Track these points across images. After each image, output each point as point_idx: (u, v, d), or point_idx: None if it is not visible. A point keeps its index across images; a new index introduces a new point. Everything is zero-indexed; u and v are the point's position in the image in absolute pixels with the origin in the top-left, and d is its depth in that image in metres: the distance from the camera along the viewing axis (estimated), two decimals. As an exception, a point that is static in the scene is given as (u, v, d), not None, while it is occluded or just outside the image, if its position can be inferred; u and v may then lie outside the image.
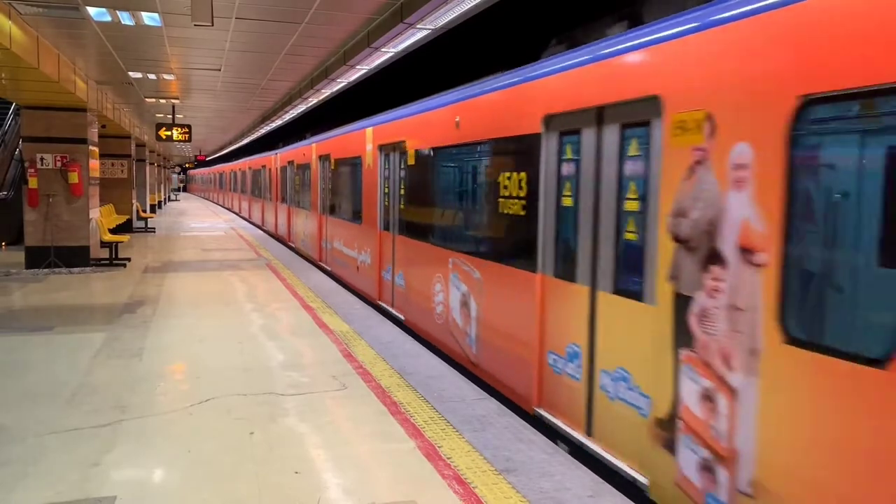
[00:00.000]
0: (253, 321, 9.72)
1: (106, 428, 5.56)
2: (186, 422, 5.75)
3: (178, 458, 5.02)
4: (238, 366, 7.42)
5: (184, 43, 11.39)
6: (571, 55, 5.84)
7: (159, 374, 7.13)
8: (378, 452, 5.17)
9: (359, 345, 8.41)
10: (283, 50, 11.79)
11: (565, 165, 5.93)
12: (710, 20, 4.22)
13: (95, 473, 4.71)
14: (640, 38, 4.95)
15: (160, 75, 14.69)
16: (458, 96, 8.14)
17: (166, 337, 8.73)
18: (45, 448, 5.14)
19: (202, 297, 11.63)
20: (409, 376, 7.15)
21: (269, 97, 18.19)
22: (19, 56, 9.48)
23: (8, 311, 10.50)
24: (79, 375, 6.99)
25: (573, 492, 4.61)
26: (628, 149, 5.07)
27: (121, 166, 23.84)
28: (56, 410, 5.96)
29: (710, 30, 4.21)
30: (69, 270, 14.63)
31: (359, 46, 10.71)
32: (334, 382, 6.86)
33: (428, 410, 6.10)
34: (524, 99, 6.52)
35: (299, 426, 5.68)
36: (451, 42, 12.69)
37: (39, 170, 14.62)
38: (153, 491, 4.55)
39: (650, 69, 4.76)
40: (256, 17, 9.53)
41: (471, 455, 5.14)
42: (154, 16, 9.39)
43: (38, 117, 14.69)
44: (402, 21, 8.64)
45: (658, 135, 4.66)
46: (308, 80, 14.89)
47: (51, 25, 10.10)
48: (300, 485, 4.59)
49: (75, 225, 15.03)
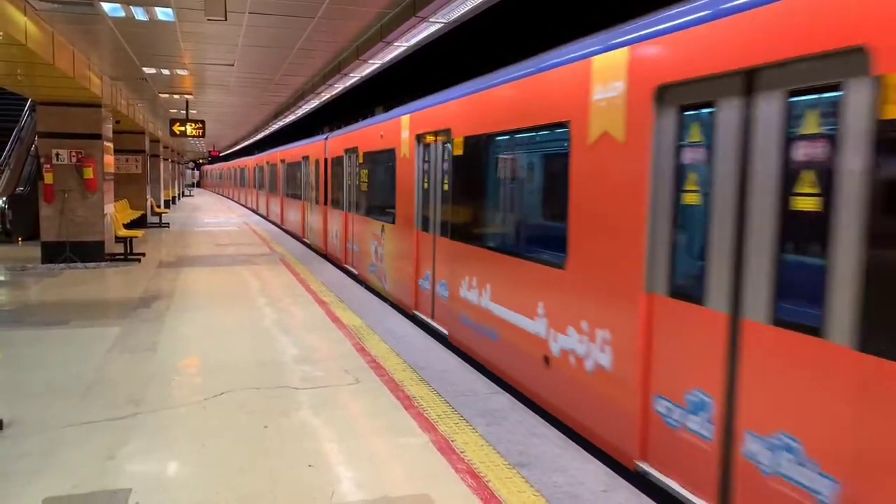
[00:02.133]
0: (266, 315, 9.75)
1: (121, 421, 5.59)
2: (200, 415, 5.78)
3: (193, 452, 5.04)
4: (252, 360, 7.44)
5: (197, 38, 11.42)
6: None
7: (173, 368, 7.16)
8: (391, 446, 5.16)
9: (372, 339, 8.42)
10: (296, 45, 11.80)
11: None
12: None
13: (111, 466, 4.74)
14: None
15: (174, 71, 14.75)
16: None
17: (180, 331, 8.78)
18: (61, 441, 5.17)
19: (216, 292, 11.68)
20: (422, 370, 7.14)
21: (282, 92, 18.21)
22: (35, 52, 9.54)
23: (24, 306, 10.59)
24: (94, 369, 7.04)
25: (587, 486, 4.59)
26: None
27: (135, 162, 23.98)
28: (72, 404, 6.01)
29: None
30: (84, 265, 14.74)
31: (371, 41, 10.69)
32: (347, 376, 6.87)
33: (441, 405, 6.10)
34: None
35: (313, 420, 5.69)
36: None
37: (55, 165, 14.73)
38: (168, 484, 4.57)
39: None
40: (269, 11, 9.54)
41: (484, 449, 5.13)
42: (168, 11, 9.41)
43: (53, 113, 14.79)
44: (415, 15, 8.61)
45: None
46: (321, 75, 14.89)
47: (65, 21, 10.15)
48: (314, 478, 4.59)
49: (90, 220, 15.13)
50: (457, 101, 8.59)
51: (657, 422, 4.70)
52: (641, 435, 4.85)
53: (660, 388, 4.65)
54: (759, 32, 3.81)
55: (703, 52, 4.25)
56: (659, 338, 4.53)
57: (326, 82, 14.63)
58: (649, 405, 4.77)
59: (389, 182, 11.63)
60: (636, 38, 4.96)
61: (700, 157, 4.39)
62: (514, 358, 6.91)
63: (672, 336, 4.48)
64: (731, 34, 4.03)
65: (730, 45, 4.03)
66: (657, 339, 4.58)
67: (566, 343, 5.73)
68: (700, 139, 4.40)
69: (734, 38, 4.00)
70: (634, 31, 5.04)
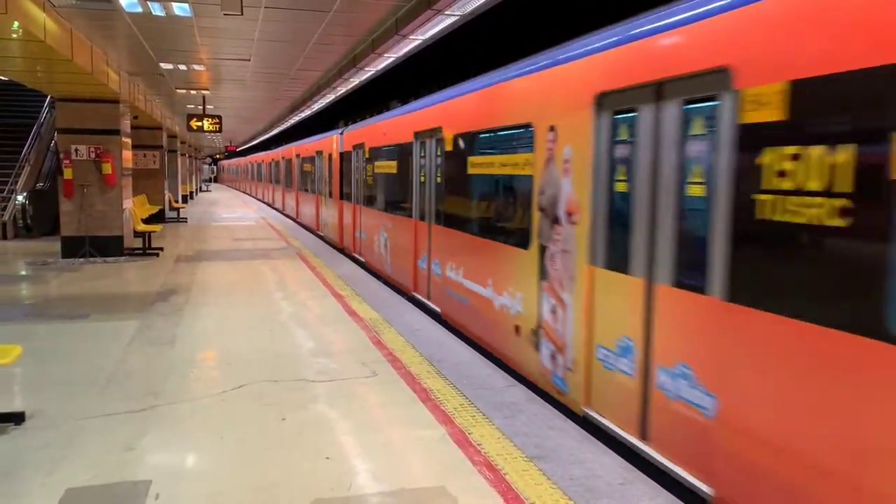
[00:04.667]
0: (283, 309, 9.79)
1: (140, 413, 5.64)
2: (219, 408, 5.82)
3: (211, 444, 5.08)
4: (269, 353, 7.48)
5: (213, 33, 11.46)
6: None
7: (192, 361, 7.22)
8: (408, 439, 5.17)
9: (388, 332, 8.43)
10: (311, 39, 11.81)
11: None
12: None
13: (131, 458, 4.78)
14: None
15: (190, 66, 14.82)
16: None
17: (198, 325, 8.84)
18: (81, 432, 5.23)
19: (233, 286, 11.75)
20: (439, 363, 7.15)
21: (298, 87, 18.25)
22: (54, 48, 9.62)
23: (45, 300, 10.71)
24: (113, 362, 7.11)
25: (604, 479, 4.57)
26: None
27: (153, 157, 24.12)
28: (92, 396, 6.07)
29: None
30: (104, 260, 14.87)
31: (387, 34, 10.68)
32: (364, 369, 6.89)
33: (458, 397, 6.10)
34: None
35: (330, 412, 5.71)
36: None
37: (74, 161, 14.86)
38: (187, 475, 4.61)
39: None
40: (285, 6, 9.55)
41: (501, 442, 5.12)
42: (184, 6, 9.45)
43: (72, 109, 14.91)
44: (430, 7, 8.59)
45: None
46: (336, 69, 14.91)
47: (84, 17, 10.23)
48: (331, 470, 4.61)
49: (109, 215, 15.26)
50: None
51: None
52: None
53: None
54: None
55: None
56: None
57: (342, 76, 14.64)
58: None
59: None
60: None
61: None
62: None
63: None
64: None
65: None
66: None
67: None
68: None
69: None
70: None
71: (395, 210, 12.56)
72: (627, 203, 5.35)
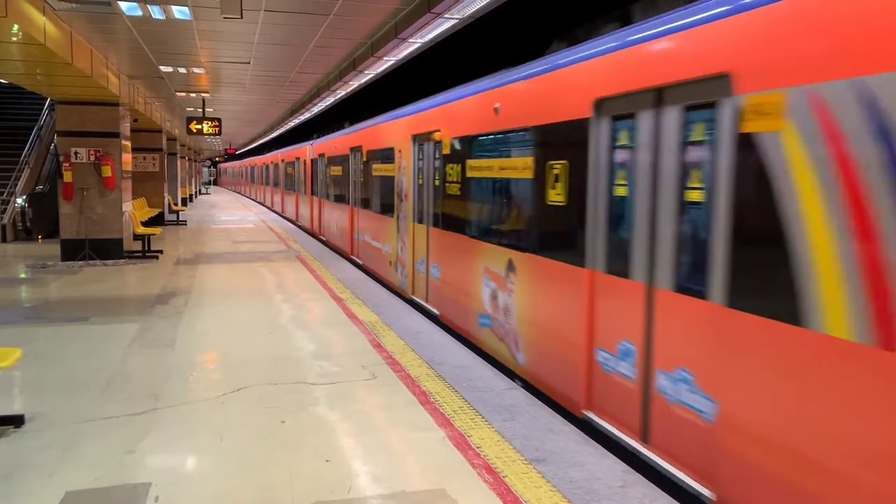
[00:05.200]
0: (283, 312, 9.80)
1: (140, 416, 5.65)
2: (219, 410, 5.82)
3: (211, 446, 5.08)
4: (269, 355, 7.49)
5: (213, 36, 11.48)
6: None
7: (192, 364, 7.22)
8: (408, 441, 5.18)
9: (388, 335, 8.44)
10: (311, 42, 11.83)
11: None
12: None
13: (131, 460, 4.79)
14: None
15: (190, 69, 14.83)
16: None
17: (198, 327, 8.85)
18: (81, 435, 5.24)
19: (233, 289, 11.76)
20: (438, 366, 7.15)
21: (298, 90, 18.27)
22: (54, 51, 9.63)
23: (45, 303, 10.71)
24: (113, 364, 7.11)
25: (603, 482, 4.58)
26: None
27: (152, 160, 24.13)
28: (92, 398, 6.07)
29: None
30: (103, 262, 14.88)
31: (386, 37, 10.70)
32: (364, 372, 6.90)
33: (457, 400, 6.10)
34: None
35: (330, 415, 5.72)
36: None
37: (73, 163, 14.87)
38: (187, 478, 4.62)
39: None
40: (285, 9, 9.57)
41: (500, 445, 5.13)
42: (184, 9, 9.46)
43: (71, 112, 14.92)
44: (430, 11, 8.60)
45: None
46: (336, 72, 14.92)
47: (83, 20, 10.24)
48: (331, 472, 4.62)
49: (109, 218, 15.26)
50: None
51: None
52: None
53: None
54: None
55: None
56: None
57: (342, 79, 14.66)
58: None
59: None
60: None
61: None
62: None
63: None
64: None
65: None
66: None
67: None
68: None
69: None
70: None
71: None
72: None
